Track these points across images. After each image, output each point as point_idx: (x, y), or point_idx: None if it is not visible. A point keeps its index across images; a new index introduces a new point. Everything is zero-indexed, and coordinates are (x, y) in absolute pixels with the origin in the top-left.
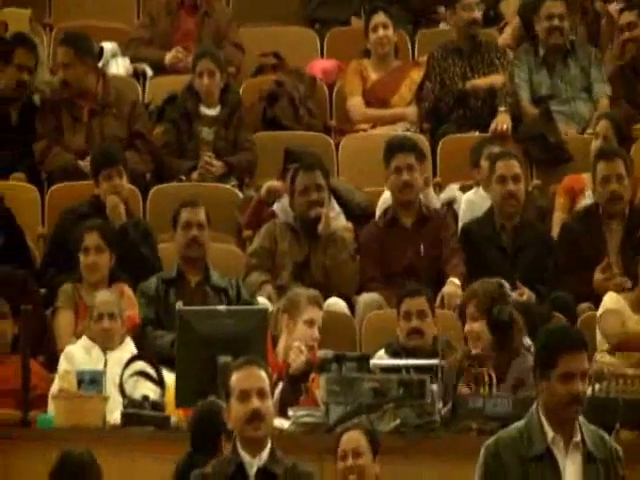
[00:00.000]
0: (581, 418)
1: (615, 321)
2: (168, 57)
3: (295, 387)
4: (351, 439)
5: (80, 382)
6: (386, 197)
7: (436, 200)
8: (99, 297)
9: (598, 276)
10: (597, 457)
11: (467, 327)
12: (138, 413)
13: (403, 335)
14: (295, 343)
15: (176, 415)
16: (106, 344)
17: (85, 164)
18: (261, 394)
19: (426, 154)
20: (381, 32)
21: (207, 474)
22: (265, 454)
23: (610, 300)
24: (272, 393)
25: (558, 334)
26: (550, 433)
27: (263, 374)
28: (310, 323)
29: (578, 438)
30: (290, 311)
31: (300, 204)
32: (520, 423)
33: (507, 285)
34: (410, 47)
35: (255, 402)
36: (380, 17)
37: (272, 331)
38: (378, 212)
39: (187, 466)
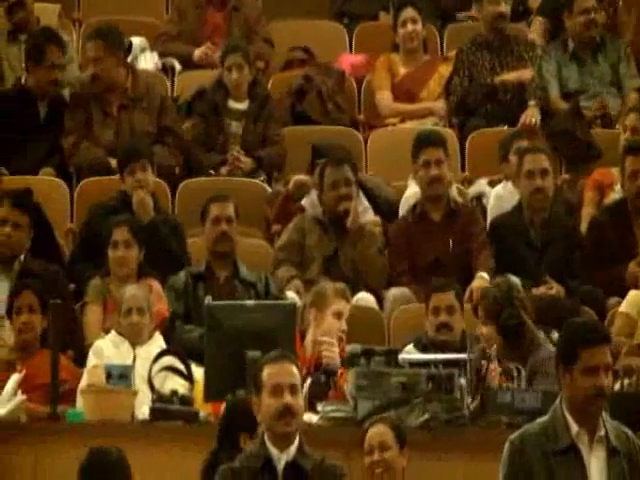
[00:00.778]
0: (604, 413)
1: (623, 326)
2: (197, 53)
3: (325, 381)
4: (377, 433)
5: (109, 377)
6: (409, 194)
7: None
8: (128, 292)
9: (633, 268)
10: (621, 451)
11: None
12: (167, 408)
13: (432, 330)
14: (325, 337)
15: (205, 410)
16: (135, 339)
17: (114, 161)
18: (293, 390)
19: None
20: (410, 27)
21: (234, 469)
22: (293, 448)
23: (632, 299)
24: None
25: (580, 328)
26: (574, 428)
27: (295, 370)
28: (337, 315)
29: (602, 432)
30: (317, 304)
31: (329, 198)
32: (544, 418)
33: (517, 282)
34: (439, 41)
35: (287, 398)
36: (409, 12)
37: (300, 326)
38: (402, 208)
39: (214, 462)
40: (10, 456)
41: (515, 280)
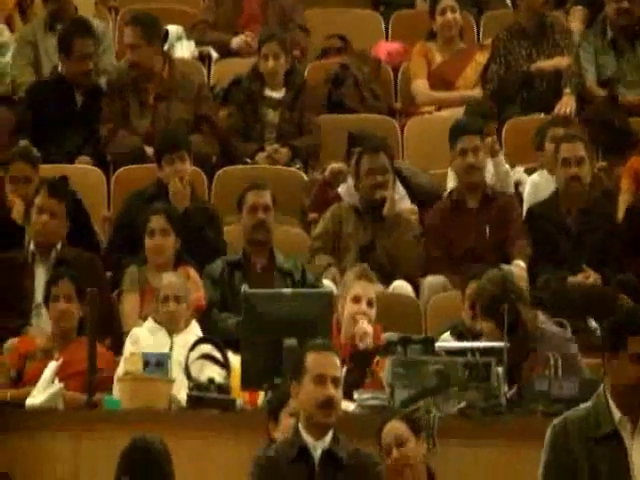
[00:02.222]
0: None
1: None
2: (236, 41)
3: (360, 369)
4: (391, 430)
5: (146, 365)
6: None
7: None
8: (165, 280)
9: None
10: None
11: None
12: (204, 396)
13: (468, 318)
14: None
15: (241, 398)
16: (172, 327)
17: (150, 149)
18: (335, 382)
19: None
20: (449, 15)
21: (270, 457)
22: (329, 437)
23: None
24: None
25: (628, 316)
26: (617, 414)
27: (338, 362)
28: (356, 299)
29: None
30: (342, 292)
31: (365, 186)
32: (587, 404)
33: (511, 272)
34: (475, 29)
35: (330, 389)
36: (448, 0)
37: (336, 314)
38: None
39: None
40: (48, 444)
41: (509, 270)
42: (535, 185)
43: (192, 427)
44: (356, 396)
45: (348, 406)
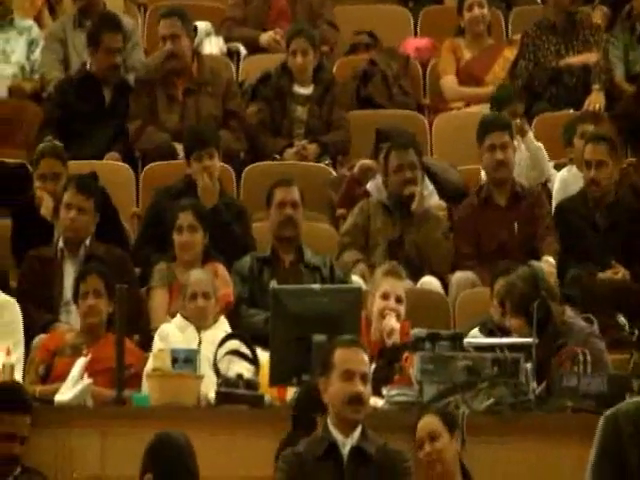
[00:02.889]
0: None
1: None
2: (265, 37)
3: (389, 365)
4: (425, 424)
5: (174, 361)
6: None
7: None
8: (193, 276)
9: None
10: None
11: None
12: (232, 392)
13: (497, 314)
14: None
15: (270, 394)
16: (200, 323)
17: (179, 145)
18: (364, 378)
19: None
20: (477, 11)
21: (299, 453)
22: (357, 433)
23: None
24: None
25: None
26: None
27: (366, 358)
28: (384, 296)
29: None
30: (371, 288)
31: (394, 182)
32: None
33: (541, 268)
34: (504, 25)
35: (358, 385)
36: None
37: (365, 310)
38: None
39: (290, 444)
40: (76, 440)
41: (539, 267)
42: (564, 181)
43: (220, 423)
44: (385, 392)
45: (377, 402)
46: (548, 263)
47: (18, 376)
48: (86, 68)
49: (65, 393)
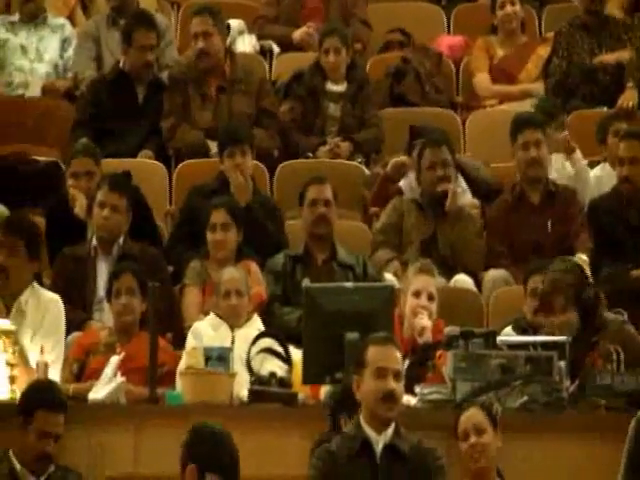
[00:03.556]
0: None
1: None
2: (297, 34)
3: (422, 363)
4: (471, 417)
5: (208, 359)
6: None
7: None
8: (226, 274)
9: None
10: None
11: (556, 319)
12: (265, 390)
13: (530, 312)
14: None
15: (303, 392)
16: (233, 321)
17: (212, 143)
18: (397, 376)
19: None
20: (509, 8)
21: (332, 451)
22: (390, 431)
23: None
24: None
25: None
26: None
27: (399, 355)
28: (416, 294)
29: None
30: (404, 286)
31: (427, 180)
32: None
33: (583, 259)
34: (537, 23)
35: (392, 383)
36: None
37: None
38: None
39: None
40: (109, 438)
41: (579, 258)
42: (597, 178)
43: (254, 421)
44: (418, 390)
45: (410, 400)
46: (581, 261)
47: (53, 374)
48: (119, 66)
49: (99, 391)
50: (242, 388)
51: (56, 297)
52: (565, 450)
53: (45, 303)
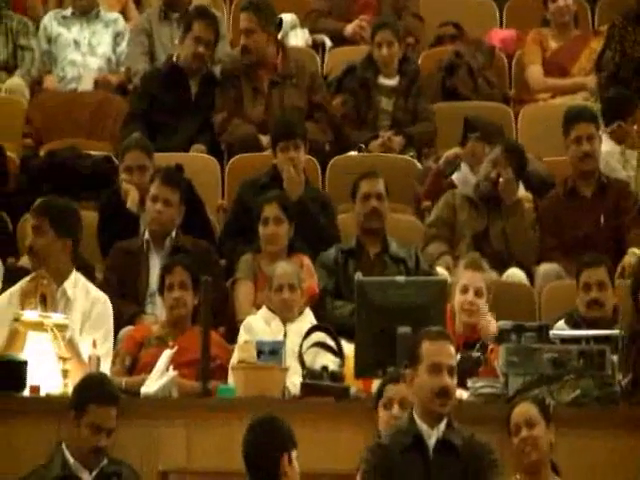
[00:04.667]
0: None
1: None
2: (349, 28)
3: (478, 356)
4: (523, 411)
5: (260, 353)
6: None
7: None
8: (279, 268)
9: None
10: None
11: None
12: (317, 384)
13: (582, 306)
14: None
15: (355, 386)
16: (286, 315)
17: (264, 137)
18: (451, 371)
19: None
20: (561, 2)
21: (384, 445)
22: (443, 425)
23: None
24: None
25: None
26: None
27: (453, 350)
28: (464, 289)
29: None
30: (453, 281)
31: (484, 174)
32: None
33: (637, 253)
34: (590, 16)
35: (446, 378)
36: None
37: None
38: None
39: None
40: (162, 432)
41: (632, 252)
42: None
43: (306, 415)
44: (470, 384)
45: (462, 394)
46: (635, 255)
47: (105, 368)
48: (173, 60)
49: (151, 385)
50: (294, 382)
51: (104, 297)
52: (618, 444)
53: (93, 298)
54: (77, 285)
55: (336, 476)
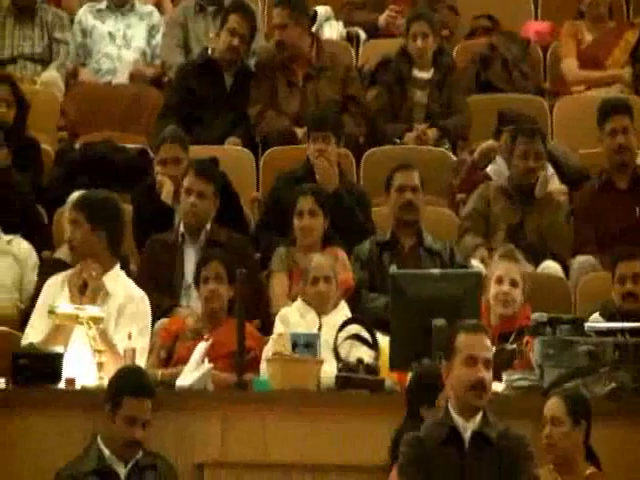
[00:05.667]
0: None
1: None
2: (382, 18)
3: (512, 349)
4: (550, 407)
5: (295, 345)
6: None
7: None
8: (315, 260)
9: None
10: None
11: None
12: (352, 376)
13: (618, 298)
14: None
15: (390, 378)
16: (321, 307)
17: (299, 130)
18: (487, 364)
19: None
20: None
21: (420, 438)
22: (478, 418)
23: None
24: None
25: None
26: None
27: (489, 343)
28: (498, 280)
29: None
30: (489, 273)
31: (517, 168)
32: None
33: None
34: (625, 8)
35: (482, 371)
36: None
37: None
38: None
39: (402, 432)
40: (197, 424)
41: None
42: None
43: (341, 408)
44: (505, 377)
45: (497, 387)
46: None
47: (141, 364)
48: (208, 53)
49: (186, 377)
50: (329, 374)
51: (142, 294)
52: None
53: (130, 295)
54: (117, 280)
55: (370, 468)
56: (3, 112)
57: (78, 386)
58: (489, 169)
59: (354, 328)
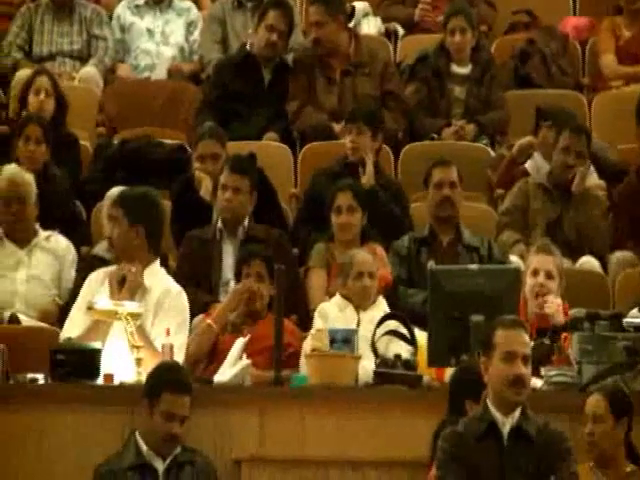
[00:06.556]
0: None
1: None
2: (417, 12)
3: (550, 343)
4: (592, 404)
5: (333, 341)
6: None
7: None
8: (359, 256)
9: None
10: None
11: None
12: (390, 372)
13: None
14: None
15: (428, 374)
16: (363, 302)
17: (337, 125)
18: (525, 360)
19: None
20: None
21: (459, 433)
22: (517, 413)
23: None
24: None
25: None
26: None
27: (528, 339)
28: (534, 273)
29: None
30: (526, 268)
31: (558, 162)
32: None
33: None
34: None
35: (520, 367)
36: None
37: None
38: None
39: (444, 427)
40: (235, 420)
41: None
42: None
43: (378, 403)
44: (543, 372)
45: (535, 383)
46: None
47: (179, 360)
48: (246, 49)
49: (224, 373)
50: (367, 370)
51: (180, 289)
52: None
53: (168, 290)
54: (156, 276)
55: (409, 464)
56: (42, 100)
57: (116, 382)
58: (527, 165)
59: (392, 324)
